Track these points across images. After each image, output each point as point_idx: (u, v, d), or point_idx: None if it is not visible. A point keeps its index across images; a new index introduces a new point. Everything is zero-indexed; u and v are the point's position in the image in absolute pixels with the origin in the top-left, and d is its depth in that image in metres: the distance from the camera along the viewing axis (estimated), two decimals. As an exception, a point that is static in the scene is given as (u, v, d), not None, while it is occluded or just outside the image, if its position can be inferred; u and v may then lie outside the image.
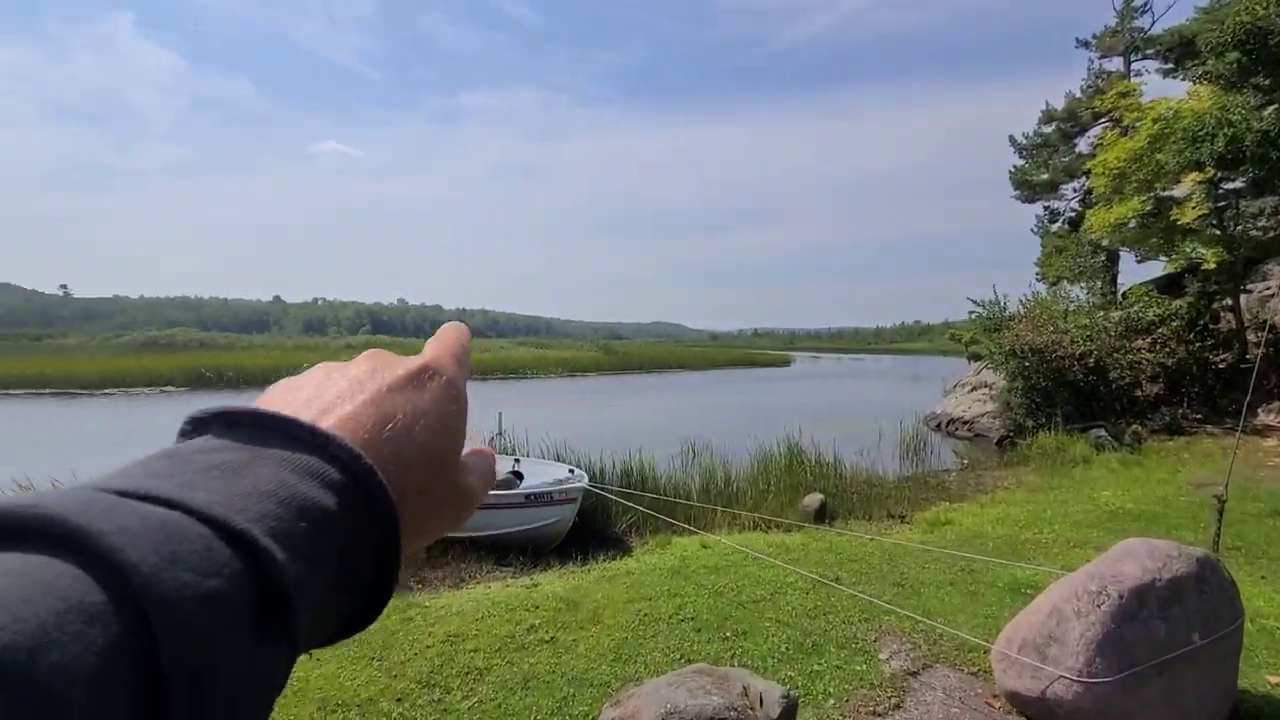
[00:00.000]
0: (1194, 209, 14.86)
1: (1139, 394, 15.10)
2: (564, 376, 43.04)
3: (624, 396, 30.20)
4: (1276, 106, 12.94)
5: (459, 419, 0.36)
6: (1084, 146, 24.44)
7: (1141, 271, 20.28)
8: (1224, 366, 15.20)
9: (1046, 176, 25.66)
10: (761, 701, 2.79)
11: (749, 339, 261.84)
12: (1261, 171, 13.19)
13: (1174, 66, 22.25)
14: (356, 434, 0.30)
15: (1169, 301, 15.98)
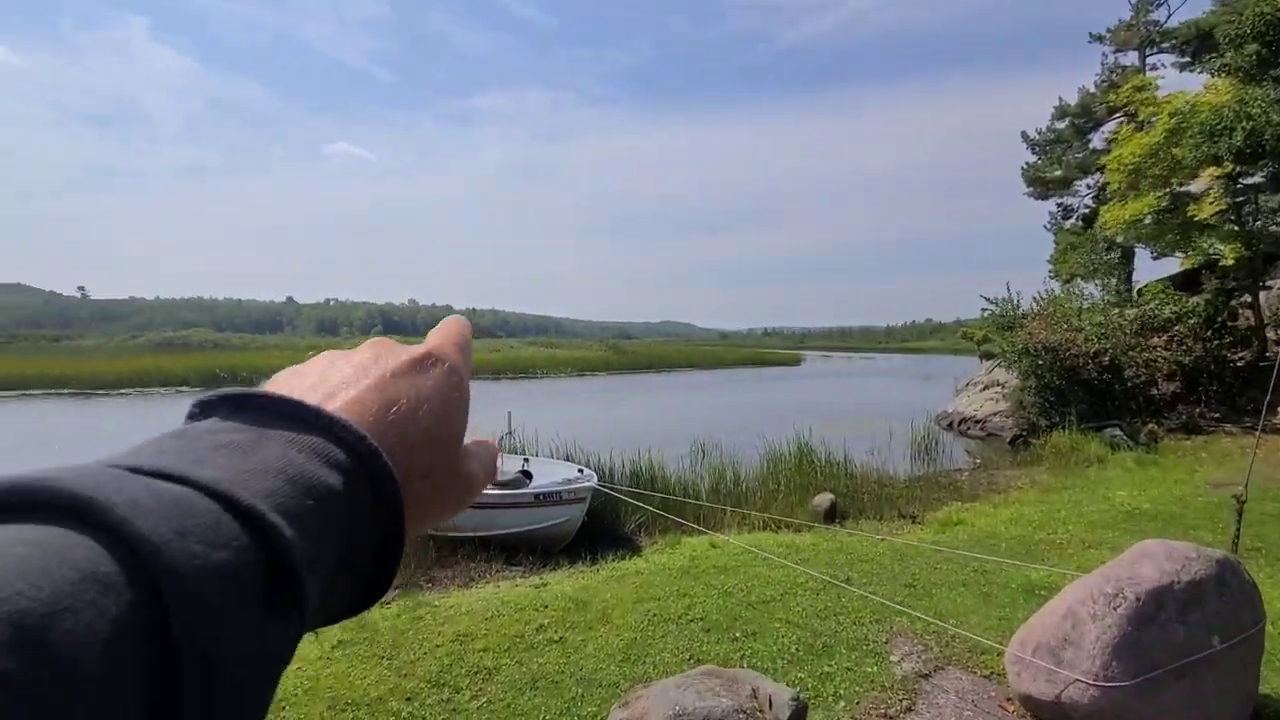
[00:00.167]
0: (1212, 204, 14.61)
1: (1155, 392, 14.88)
2: (573, 376, 43.11)
3: (633, 396, 30.18)
4: (1297, 99, 12.71)
5: (462, 405, 0.36)
6: (1098, 142, 24.10)
7: (1157, 268, 19.96)
8: (1242, 364, 14.94)
9: (1060, 173, 25.32)
10: (771, 704, 2.76)
11: (759, 338, 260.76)
12: (1281, 165, 12.99)
13: (1191, 60, 21.88)
14: (361, 417, 0.31)
15: (1186, 298, 15.72)
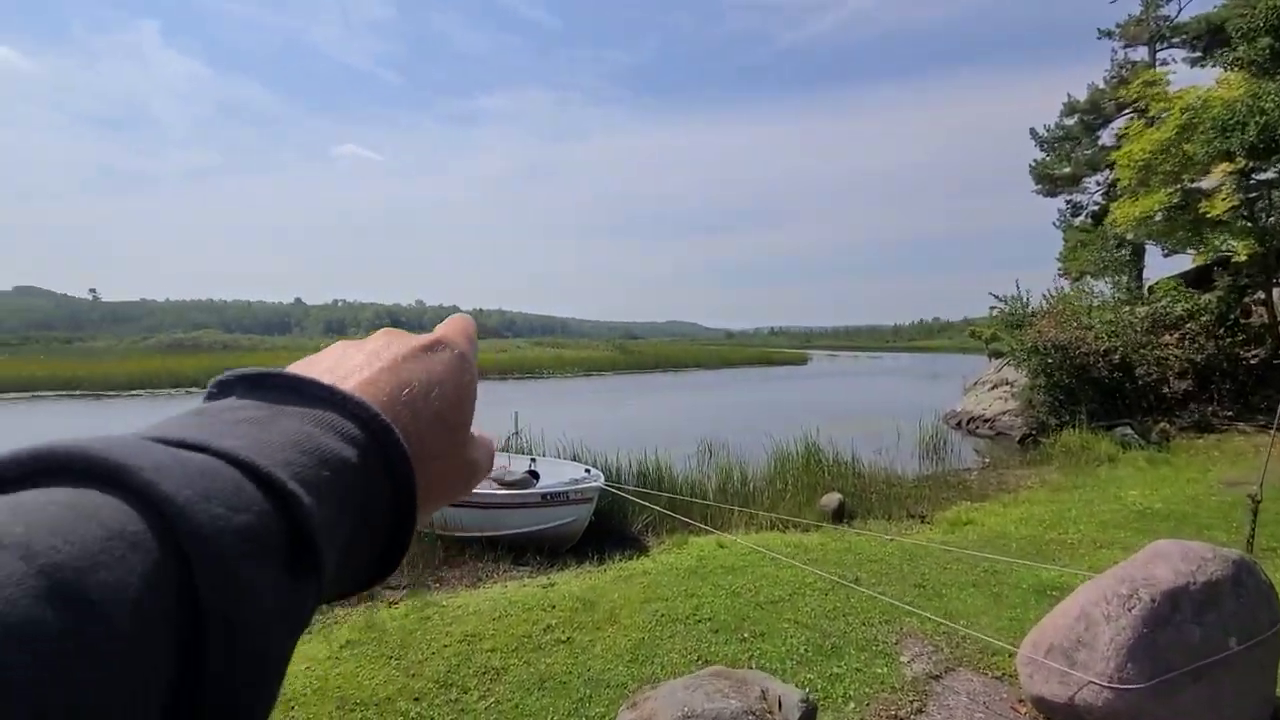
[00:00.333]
0: (1224, 200, 14.42)
1: (1166, 391, 14.72)
2: (580, 376, 43.16)
3: (640, 396, 30.18)
4: (1311, 93, 12.52)
5: (471, 390, 0.37)
6: (1107, 138, 23.84)
7: (1168, 265, 19.66)
8: (1256, 362, 14.76)
9: (1069, 170, 25.07)
10: (780, 705, 2.74)
11: (765, 337, 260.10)
12: (1295, 161, 12.82)
13: (1202, 54, 21.63)
14: (375, 397, 0.31)
15: (1198, 295, 15.54)
